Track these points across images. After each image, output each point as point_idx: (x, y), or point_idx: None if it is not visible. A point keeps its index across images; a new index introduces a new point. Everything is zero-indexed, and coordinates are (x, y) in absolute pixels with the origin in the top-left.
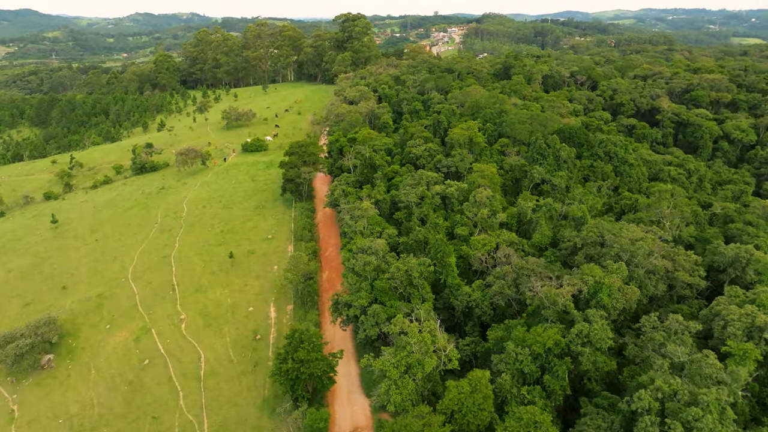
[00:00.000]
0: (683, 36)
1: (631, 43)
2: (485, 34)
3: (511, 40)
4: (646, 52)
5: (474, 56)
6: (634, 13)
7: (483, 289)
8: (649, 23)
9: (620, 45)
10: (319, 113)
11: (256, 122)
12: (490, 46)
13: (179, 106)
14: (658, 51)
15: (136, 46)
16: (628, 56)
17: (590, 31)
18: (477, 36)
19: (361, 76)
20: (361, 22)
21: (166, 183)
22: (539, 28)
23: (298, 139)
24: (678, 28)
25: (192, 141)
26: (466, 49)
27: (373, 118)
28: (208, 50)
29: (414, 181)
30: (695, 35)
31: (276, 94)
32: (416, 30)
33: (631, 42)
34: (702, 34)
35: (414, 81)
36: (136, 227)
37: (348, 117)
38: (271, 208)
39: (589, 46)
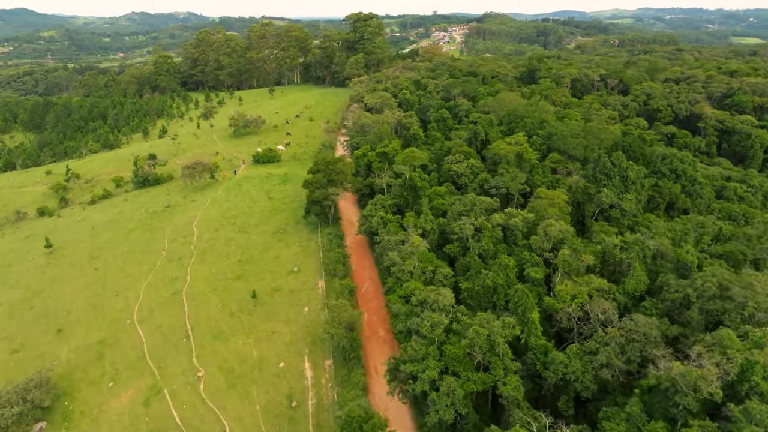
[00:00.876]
0: (683, 36)
1: (635, 42)
2: (487, 33)
3: (513, 39)
4: (654, 52)
5: (501, 57)
6: (632, 13)
7: (582, 357)
8: (648, 23)
9: (624, 45)
10: (332, 119)
11: (266, 129)
12: (493, 46)
13: (181, 111)
14: (666, 51)
15: (132, 46)
16: (636, 56)
17: (592, 30)
18: (479, 36)
19: (377, 80)
20: (373, 22)
21: (172, 200)
22: (541, 28)
23: (312, 148)
24: (676, 27)
25: (197, 150)
26: (468, 49)
27: (400, 128)
28: (209, 51)
29: (464, 206)
30: (695, 35)
31: (283, 97)
32: (416, 30)
33: (635, 42)
34: (702, 34)
35: (436, 86)
36: (141, 254)
37: (375, 128)
38: (294, 232)
39: (595, 46)
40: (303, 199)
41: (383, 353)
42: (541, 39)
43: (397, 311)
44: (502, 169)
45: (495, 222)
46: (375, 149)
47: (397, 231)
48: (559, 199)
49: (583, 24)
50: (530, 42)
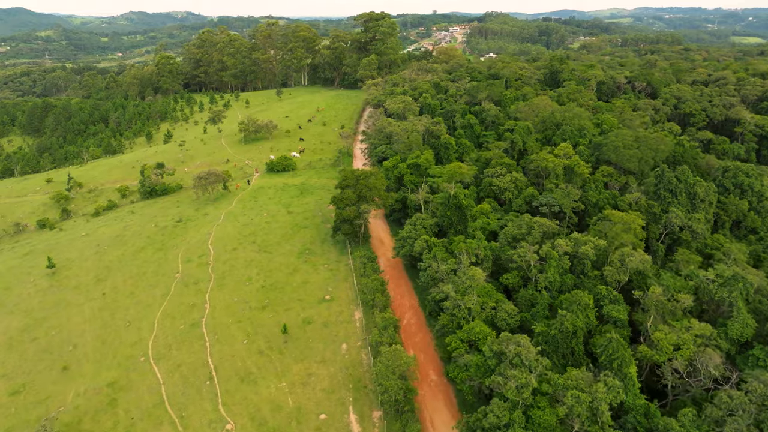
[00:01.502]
0: (684, 35)
1: (639, 42)
2: (489, 33)
3: (515, 39)
4: (662, 52)
5: (517, 59)
6: (630, 12)
7: (700, 426)
8: (647, 22)
9: (627, 44)
10: (347, 124)
11: (278, 135)
12: (496, 46)
13: (185, 114)
14: (674, 51)
15: (131, 46)
16: (644, 57)
17: (593, 30)
18: (481, 35)
19: (393, 82)
20: (386, 22)
21: (183, 213)
22: (543, 27)
23: (328, 155)
24: (676, 27)
25: (206, 157)
26: (471, 49)
27: (427, 136)
28: (212, 51)
29: (519, 229)
30: (695, 34)
31: (292, 100)
32: (417, 29)
33: (638, 41)
34: (702, 33)
35: (457, 89)
36: (153, 277)
37: (404, 137)
38: (321, 253)
39: (600, 46)
40: (326, 213)
41: (438, 402)
42: (543, 39)
43: (465, 363)
44: (550, 183)
45: (562, 250)
46: (406, 160)
47: (445, 257)
48: (635, 224)
49: (585, 23)
50: (532, 41)
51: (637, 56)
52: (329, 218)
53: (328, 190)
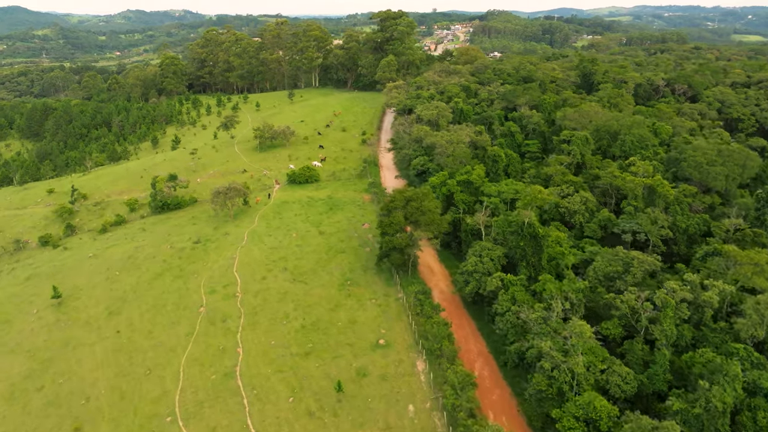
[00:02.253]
0: (686, 34)
1: (644, 41)
2: (492, 31)
3: (519, 37)
4: (672, 51)
5: (544, 61)
6: (629, 10)
7: None
8: (646, 20)
9: (632, 42)
10: (368, 130)
11: (295, 142)
12: (500, 44)
13: (192, 117)
14: (684, 50)
15: (129, 44)
16: (655, 57)
17: (597, 28)
18: (484, 34)
19: (417, 85)
20: (404, 20)
21: (201, 232)
22: (547, 26)
23: (352, 164)
24: (675, 25)
25: (220, 166)
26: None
27: (471, 148)
28: (218, 51)
29: (614, 265)
30: (697, 32)
31: (304, 103)
32: (418, 27)
33: (644, 40)
34: (703, 32)
35: (489, 93)
36: (173, 311)
37: (448, 149)
38: (364, 283)
39: (609, 45)
40: (362, 233)
41: None
42: (547, 37)
43: None
44: (629, 206)
45: (679, 296)
46: (454, 176)
47: (526, 300)
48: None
49: (586, 22)
50: (536, 40)
51: (647, 55)
52: (367, 240)
53: (358, 206)
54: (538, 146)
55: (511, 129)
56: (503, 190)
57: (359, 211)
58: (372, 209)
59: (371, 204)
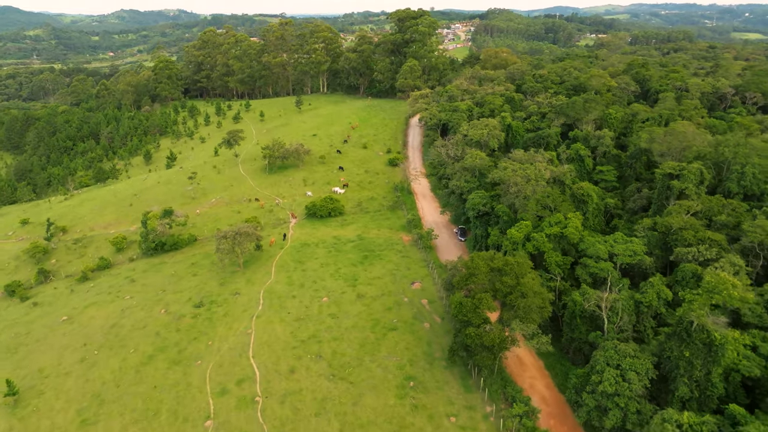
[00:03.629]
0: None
1: (651, 39)
2: (494, 30)
3: (521, 36)
4: (686, 50)
5: (596, 65)
6: (625, 8)
7: None
8: (644, 18)
9: (638, 41)
10: (393, 146)
11: (310, 161)
12: (503, 44)
13: (188, 128)
14: (701, 49)
15: (122, 45)
16: (669, 56)
17: (600, 27)
18: (486, 33)
19: (448, 95)
20: (425, 20)
21: (204, 288)
22: (549, 24)
23: (380, 191)
24: (673, 23)
25: (223, 192)
26: (477, 48)
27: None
28: (216, 54)
29: None
30: (696, 30)
31: (314, 112)
32: None
33: (649, 38)
34: (703, 30)
35: (539, 105)
36: (169, 424)
37: (526, 190)
38: (434, 386)
39: (620, 44)
40: (413, 296)
41: None
42: (550, 36)
43: None
44: None
45: None
46: (542, 228)
47: None
48: None
49: (587, 20)
50: (539, 39)
51: (661, 55)
52: (422, 309)
53: (398, 252)
54: (614, 174)
55: (579, 152)
56: (618, 252)
57: (402, 261)
58: (417, 257)
59: (414, 248)
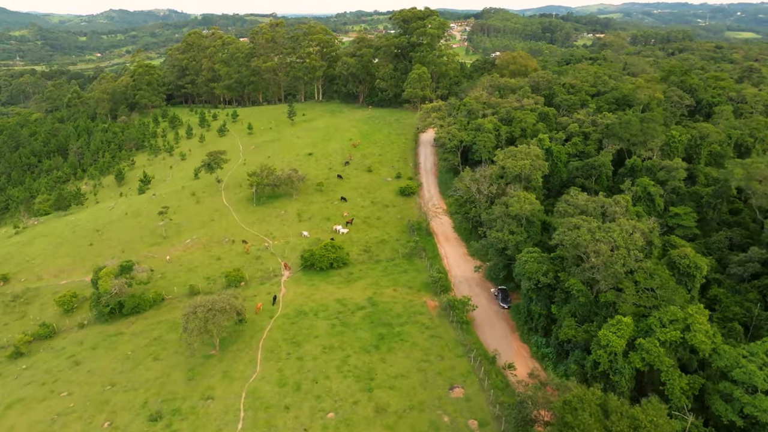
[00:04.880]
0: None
1: (650, 39)
2: (491, 30)
3: (518, 36)
4: (693, 51)
5: (620, 72)
6: (618, 8)
7: None
8: (636, 17)
9: (637, 41)
10: (403, 170)
11: (305, 188)
12: (501, 44)
13: (168, 142)
14: (708, 50)
15: (110, 45)
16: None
17: (597, 26)
18: (483, 32)
19: (467, 109)
20: (433, 21)
21: (165, 387)
22: (546, 24)
23: (391, 230)
24: (666, 22)
25: (201, 229)
26: (474, 48)
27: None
28: (201, 57)
29: None
30: (690, 30)
31: (309, 125)
32: None
33: (648, 38)
34: (697, 29)
35: (581, 124)
36: None
37: (616, 265)
38: None
39: (622, 45)
40: (455, 415)
41: None
42: (548, 36)
43: None
44: None
45: None
46: (653, 330)
47: None
48: None
49: (583, 19)
50: (536, 39)
51: (666, 55)
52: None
53: (426, 328)
54: (694, 218)
55: (648, 189)
56: None
57: (431, 344)
58: (450, 337)
59: (444, 321)
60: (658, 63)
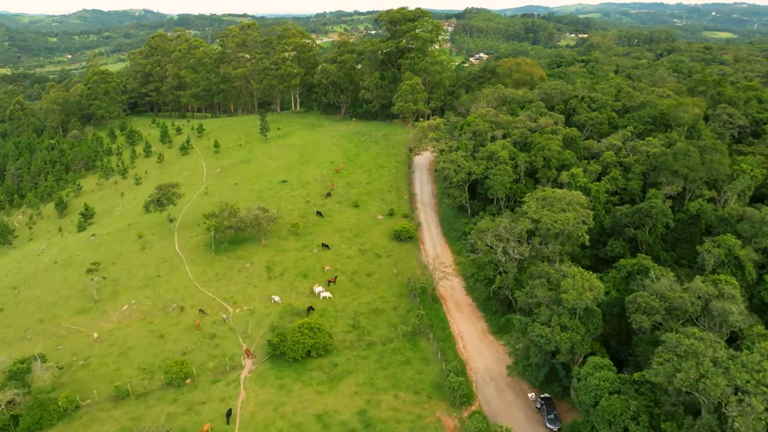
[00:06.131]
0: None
1: (633, 39)
2: (474, 30)
3: (501, 37)
4: (682, 52)
5: (648, 84)
6: (596, 7)
7: None
8: (615, 17)
9: (620, 42)
10: (395, 204)
11: (277, 229)
12: (485, 45)
13: (123, 164)
14: (697, 50)
15: (82, 46)
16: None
17: (579, 26)
18: (465, 33)
19: (472, 130)
20: (425, 23)
21: None
22: (529, 24)
23: (388, 296)
24: (644, 22)
25: (141, 290)
26: (457, 49)
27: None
28: (166, 63)
29: None
30: (669, 30)
31: (284, 141)
32: None
33: (632, 38)
34: (676, 29)
35: (616, 151)
36: None
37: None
38: None
39: (610, 46)
40: None
41: None
42: (531, 36)
43: None
44: None
45: None
46: None
47: None
48: None
49: (564, 19)
50: (519, 39)
51: (655, 56)
52: None
53: None
54: None
55: (735, 252)
56: None
57: None
58: None
59: None
60: (678, 69)
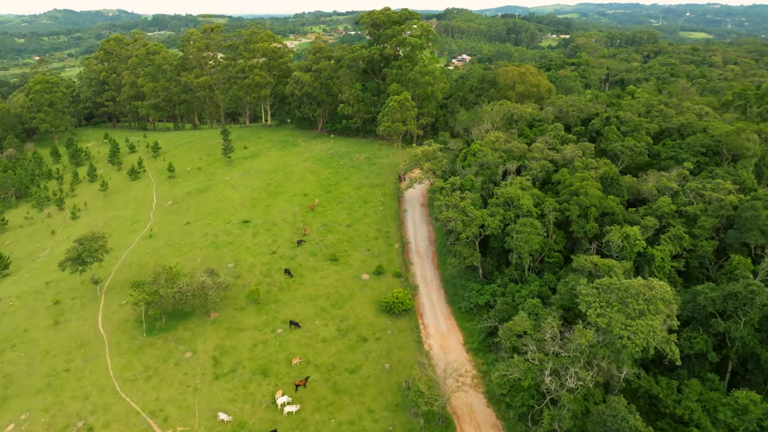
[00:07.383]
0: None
1: (615, 39)
2: (455, 31)
3: (483, 38)
4: (670, 53)
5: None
6: (573, 8)
7: None
8: (592, 17)
9: (604, 43)
10: (386, 255)
11: (232, 299)
12: (467, 46)
13: (61, 189)
14: (686, 51)
15: (51, 48)
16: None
17: (561, 27)
18: (447, 34)
19: (479, 162)
20: (413, 26)
21: None
22: (511, 25)
23: (376, 406)
24: (621, 22)
25: (43, 394)
26: (439, 51)
27: None
28: (122, 69)
29: None
30: (646, 30)
31: (250, 164)
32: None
33: (614, 39)
34: (653, 29)
35: (671, 196)
36: None
37: None
38: None
39: (596, 47)
40: None
41: None
42: (513, 37)
43: None
44: None
45: None
46: None
47: None
48: None
49: (545, 20)
50: (501, 40)
51: (643, 58)
52: None
53: None
54: None
55: None
56: None
57: None
58: None
59: None
60: (703, 81)
